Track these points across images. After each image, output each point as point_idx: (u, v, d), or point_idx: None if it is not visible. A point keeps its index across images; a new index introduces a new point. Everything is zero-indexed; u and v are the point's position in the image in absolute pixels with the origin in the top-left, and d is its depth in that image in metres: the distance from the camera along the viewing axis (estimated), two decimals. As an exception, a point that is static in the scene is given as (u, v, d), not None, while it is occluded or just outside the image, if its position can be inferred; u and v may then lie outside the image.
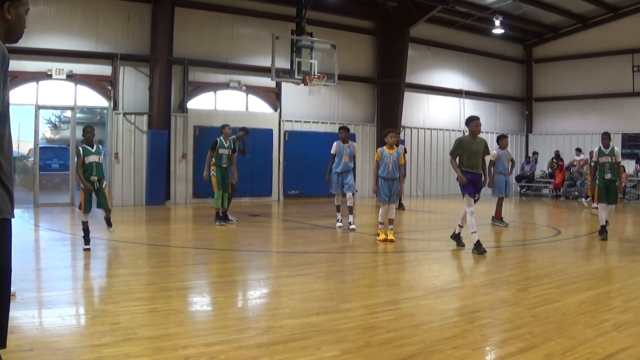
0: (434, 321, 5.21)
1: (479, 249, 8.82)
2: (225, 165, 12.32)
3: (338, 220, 12.25)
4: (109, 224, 9.22)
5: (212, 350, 4.27)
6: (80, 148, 8.71)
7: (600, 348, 4.40)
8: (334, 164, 11.98)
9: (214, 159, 12.22)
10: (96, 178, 8.72)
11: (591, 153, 11.39)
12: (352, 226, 11.85)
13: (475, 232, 8.96)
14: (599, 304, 5.77)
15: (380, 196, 10.11)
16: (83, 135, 8.91)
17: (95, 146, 8.79)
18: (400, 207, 16.31)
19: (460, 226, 9.55)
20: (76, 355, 4.08)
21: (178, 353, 4.20)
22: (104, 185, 8.84)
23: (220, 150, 12.25)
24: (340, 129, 12.33)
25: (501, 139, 13.08)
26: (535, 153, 24.80)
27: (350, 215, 11.99)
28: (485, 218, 13.01)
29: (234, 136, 12.73)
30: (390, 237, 10.05)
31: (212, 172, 12.26)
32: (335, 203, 12.31)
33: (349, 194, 11.92)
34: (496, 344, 4.67)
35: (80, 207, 8.76)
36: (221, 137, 12.37)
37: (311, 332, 4.77)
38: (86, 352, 4.15)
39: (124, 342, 4.40)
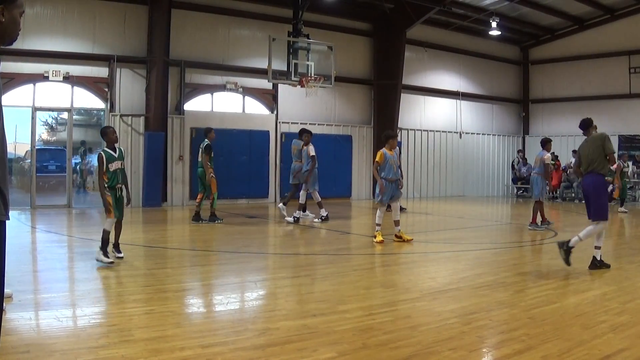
0: (430, 323, 5.22)
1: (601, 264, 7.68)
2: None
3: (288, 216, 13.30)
4: (119, 250, 8.08)
5: (209, 352, 4.27)
6: (104, 154, 7.76)
7: (597, 350, 4.41)
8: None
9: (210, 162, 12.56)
10: (120, 186, 7.90)
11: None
12: (316, 219, 13.26)
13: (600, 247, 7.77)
14: (595, 306, 5.78)
15: (384, 197, 10.12)
16: (104, 137, 8.00)
17: (118, 150, 7.91)
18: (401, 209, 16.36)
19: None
20: (73, 357, 4.07)
21: (175, 355, 4.20)
22: (124, 193, 8.02)
23: (212, 153, 12.66)
24: (303, 131, 13.73)
25: (548, 143, 12.83)
26: (520, 151, 24.99)
27: (321, 209, 13.32)
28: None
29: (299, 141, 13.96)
30: (407, 237, 10.19)
31: (212, 174, 12.58)
32: (300, 201, 13.47)
33: (312, 193, 13.32)
34: (493, 346, 4.68)
35: (107, 212, 7.79)
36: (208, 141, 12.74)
37: (308, 333, 4.77)
38: (83, 354, 4.14)
39: (121, 343, 4.39)
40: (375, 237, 10.15)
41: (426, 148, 22.98)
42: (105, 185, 7.75)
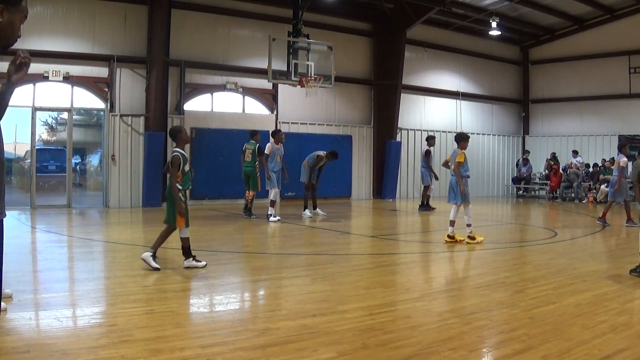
0: (430, 323, 5.22)
1: None
2: None
3: (275, 215, 13.44)
4: (189, 254, 7.61)
5: (208, 352, 4.27)
6: (179, 154, 7.46)
7: (596, 350, 4.41)
8: (273, 164, 13.43)
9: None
10: (188, 190, 7.69)
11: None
12: (276, 217, 13.42)
13: None
14: (595, 306, 5.78)
15: (468, 196, 10.23)
16: (177, 136, 7.66)
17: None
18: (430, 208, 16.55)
19: None
20: (73, 357, 4.07)
21: (175, 355, 4.20)
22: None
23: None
24: (279, 131, 14.07)
25: (624, 146, 13.48)
26: (527, 151, 24.96)
27: (271, 208, 13.54)
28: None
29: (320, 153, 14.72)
30: (460, 238, 10.20)
31: (258, 172, 13.65)
32: (272, 198, 13.60)
33: (275, 190, 13.63)
34: (493, 346, 4.68)
35: (172, 222, 7.48)
36: None
37: (308, 333, 4.77)
38: (83, 354, 4.14)
39: (121, 344, 4.39)
40: (475, 239, 10.10)
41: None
42: (179, 188, 7.43)
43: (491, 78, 25.10)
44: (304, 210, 14.74)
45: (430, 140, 17.00)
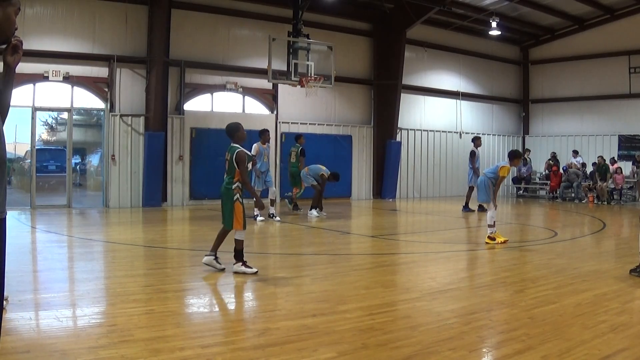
0: (430, 323, 5.22)
1: None
2: None
3: (257, 215, 13.25)
4: (241, 258, 7.39)
5: (208, 352, 4.27)
6: (244, 151, 7.29)
7: (596, 349, 4.41)
8: (260, 164, 13.37)
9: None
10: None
11: None
12: (277, 218, 13.46)
13: None
14: (595, 306, 5.78)
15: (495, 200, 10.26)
16: (235, 134, 7.34)
17: None
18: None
19: None
20: (73, 357, 4.08)
21: (175, 355, 4.20)
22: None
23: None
24: (265, 131, 13.93)
25: None
26: (527, 150, 24.92)
27: (271, 207, 13.62)
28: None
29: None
30: (502, 239, 10.18)
31: (302, 172, 14.77)
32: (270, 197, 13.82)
33: (272, 189, 13.86)
34: (493, 346, 4.68)
35: (231, 224, 7.40)
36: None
37: (308, 333, 4.77)
38: (83, 354, 4.14)
39: (121, 343, 4.40)
40: (494, 239, 10.09)
41: (426, 148, 22.95)
42: (240, 187, 7.28)
43: (491, 78, 25.09)
44: (310, 209, 14.72)
45: (476, 141, 16.81)
